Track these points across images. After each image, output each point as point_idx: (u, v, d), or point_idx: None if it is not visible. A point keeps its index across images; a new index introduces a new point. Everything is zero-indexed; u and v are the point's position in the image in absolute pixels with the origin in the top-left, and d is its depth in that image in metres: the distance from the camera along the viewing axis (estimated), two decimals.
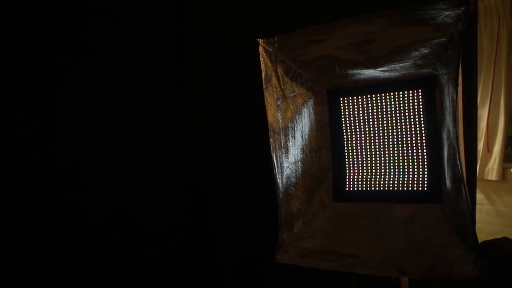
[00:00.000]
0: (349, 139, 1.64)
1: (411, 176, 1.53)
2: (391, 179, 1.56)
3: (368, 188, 1.61)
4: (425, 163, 1.50)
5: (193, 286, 1.75)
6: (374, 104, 1.58)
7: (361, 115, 1.61)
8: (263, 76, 1.52)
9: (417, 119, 1.50)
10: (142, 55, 1.61)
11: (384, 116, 1.56)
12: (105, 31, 1.53)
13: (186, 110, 1.70)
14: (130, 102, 1.59)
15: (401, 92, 1.52)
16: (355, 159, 1.64)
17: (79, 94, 1.49)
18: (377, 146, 1.59)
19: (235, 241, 1.80)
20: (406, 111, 1.51)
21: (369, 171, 1.62)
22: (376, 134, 1.59)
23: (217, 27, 1.74)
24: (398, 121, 1.53)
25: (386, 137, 1.56)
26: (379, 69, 1.46)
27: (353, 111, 1.62)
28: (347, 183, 1.66)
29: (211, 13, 1.72)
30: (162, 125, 1.66)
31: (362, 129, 1.61)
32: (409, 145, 1.52)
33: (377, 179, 1.60)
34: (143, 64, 1.61)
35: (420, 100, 1.49)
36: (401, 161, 1.54)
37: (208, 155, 1.73)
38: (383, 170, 1.59)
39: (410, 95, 1.50)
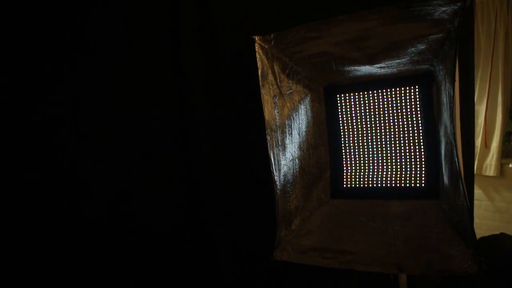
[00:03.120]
0: (346, 136, 1.64)
1: (408, 172, 1.53)
2: (389, 175, 1.56)
3: (366, 185, 1.61)
4: (423, 159, 1.50)
5: (192, 284, 1.75)
6: (371, 101, 1.57)
7: (358, 111, 1.61)
8: (259, 73, 1.52)
9: (414, 115, 1.50)
10: (138, 53, 1.60)
11: (381, 112, 1.56)
12: (100, 28, 1.53)
13: (183, 108, 1.69)
14: (127, 101, 1.58)
15: (398, 89, 1.52)
16: (352, 156, 1.64)
17: (76, 93, 1.48)
18: (374, 143, 1.59)
19: (233, 239, 1.80)
20: (403, 107, 1.51)
21: (367, 167, 1.61)
22: (373, 131, 1.58)
23: (213, 24, 1.73)
24: (395, 117, 1.53)
25: (383, 133, 1.56)
26: (375, 65, 1.46)
27: (350, 108, 1.62)
28: (345, 180, 1.66)
29: (207, 10, 1.72)
30: (158, 122, 1.65)
31: (359, 126, 1.61)
32: (406, 141, 1.52)
33: (375, 176, 1.59)
34: (139, 62, 1.60)
35: (417, 96, 1.49)
36: (398, 157, 1.54)
37: (205, 153, 1.73)
38: (380, 167, 1.58)
39: (407, 91, 1.50)
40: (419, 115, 1.49)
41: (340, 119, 1.65)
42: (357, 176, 1.63)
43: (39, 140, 1.41)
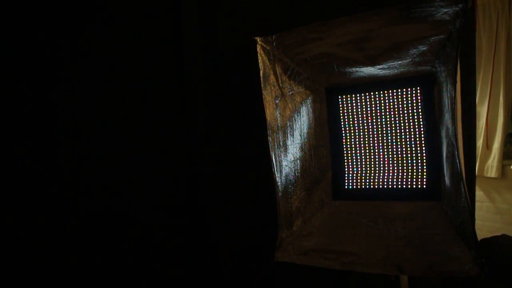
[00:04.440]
0: (348, 137, 1.64)
1: (410, 174, 1.52)
2: (390, 177, 1.56)
3: (367, 186, 1.61)
4: (424, 160, 1.50)
5: (193, 285, 1.75)
6: (373, 102, 1.57)
7: (359, 113, 1.61)
8: (261, 74, 1.52)
9: (415, 117, 1.50)
10: (140, 54, 1.61)
11: (383, 114, 1.56)
12: (102, 29, 1.53)
13: (184, 109, 1.70)
14: (128, 101, 1.58)
15: (399, 90, 1.52)
16: (354, 157, 1.64)
17: (78, 93, 1.49)
18: (376, 144, 1.59)
19: (234, 240, 1.80)
20: (405, 108, 1.51)
21: (368, 169, 1.61)
22: (375, 132, 1.58)
23: (215, 26, 1.73)
24: (397, 118, 1.53)
25: (384, 135, 1.56)
26: (377, 66, 1.46)
27: (352, 109, 1.62)
28: (346, 181, 1.66)
29: (209, 11, 1.72)
30: (160, 123, 1.66)
31: (361, 127, 1.61)
32: (408, 143, 1.52)
33: (376, 177, 1.59)
34: (141, 63, 1.61)
35: (419, 97, 1.48)
36: (400, 159, 1.54)
37: (206, 154, 1.73)
38: (382, 168, 1.58)
39: (409, 92, 1.50)
40: (420, 117, 1.49)
41: (342, 120, 1.65)
42: (359, 178, 1.63)
43: (39, 139, 1.41)
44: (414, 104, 1.49)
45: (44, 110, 1.42)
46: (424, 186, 1.50)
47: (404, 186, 1.53)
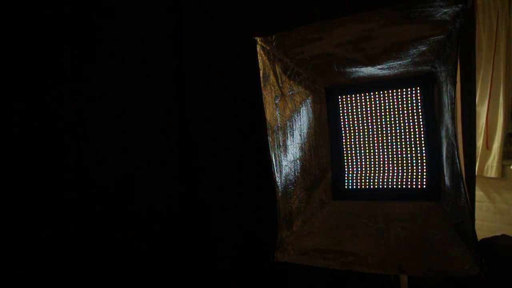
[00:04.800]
0: (348, 137, 1.64)
1: (410, 173, 1.52)
2: (390, 177, 1.56)
3: (367, 186, 1.61)
4: (424, 160, 1.50)
5: (193, 285, 1.74)
6: (373, 102, 1.57)
7: (359, 113, 1.61)
8: (261, 74, 1.52)
9: (415, 117, 1.50)
10: (140, 54, 1.61)
11: (383, 114, 1.56)
12: (102, 29, 1.53)
13: (184, 109, 1.70)
14: (128, 101, 1.58)
15: (399, 90, 1.52)
16: (354, 157, 1.64)
17: (78, 93, 1.49)
18: (375, 144, 1.59)
19: (234, 241, 1.80)
20: (405, 108, 1.51)
21: (368, 169, 1.61)
22: (375, 132, 1.58)
23: (215, 26, 1.73)
24: (397, 118, 1.53)
25: (384, 135, 1.56)
26: (377, 66, 1.46)
27: (352, 109, 1.62)
28: (346, 181, 1.66)
29: (209, 11, 1.72)
30: (160, 123, 1.66)
31: (361, 127, 1.61)
32: (408, 142, 1.52)
33: (376, 177, 1.59)
34: (141, 63, 1.61)
35: (419, 97, 1.49)
36: (400, 159, 1.54)
37: (206, 154, 1.73)
38: (382, 168, 1.58)
39: (409, 92, 1.50)
40: (420, 117, 1.49)
41: (342, 120, 1.65)
42: (359, 178, 1.63)
43: (40, 137, 1.41)
44: (414, 104, 1.50)
45: (43, 110, 1.42)
46: (424, 186, 1.50)
47: (404, 186, 1.53)
